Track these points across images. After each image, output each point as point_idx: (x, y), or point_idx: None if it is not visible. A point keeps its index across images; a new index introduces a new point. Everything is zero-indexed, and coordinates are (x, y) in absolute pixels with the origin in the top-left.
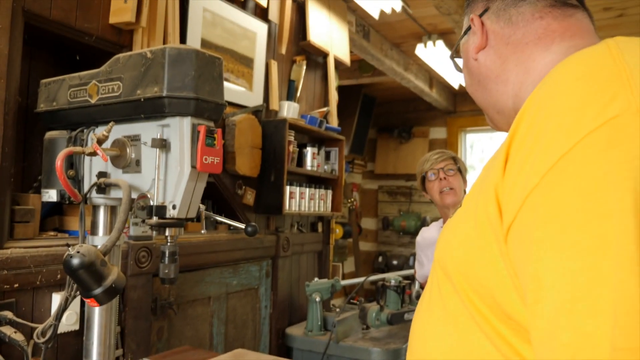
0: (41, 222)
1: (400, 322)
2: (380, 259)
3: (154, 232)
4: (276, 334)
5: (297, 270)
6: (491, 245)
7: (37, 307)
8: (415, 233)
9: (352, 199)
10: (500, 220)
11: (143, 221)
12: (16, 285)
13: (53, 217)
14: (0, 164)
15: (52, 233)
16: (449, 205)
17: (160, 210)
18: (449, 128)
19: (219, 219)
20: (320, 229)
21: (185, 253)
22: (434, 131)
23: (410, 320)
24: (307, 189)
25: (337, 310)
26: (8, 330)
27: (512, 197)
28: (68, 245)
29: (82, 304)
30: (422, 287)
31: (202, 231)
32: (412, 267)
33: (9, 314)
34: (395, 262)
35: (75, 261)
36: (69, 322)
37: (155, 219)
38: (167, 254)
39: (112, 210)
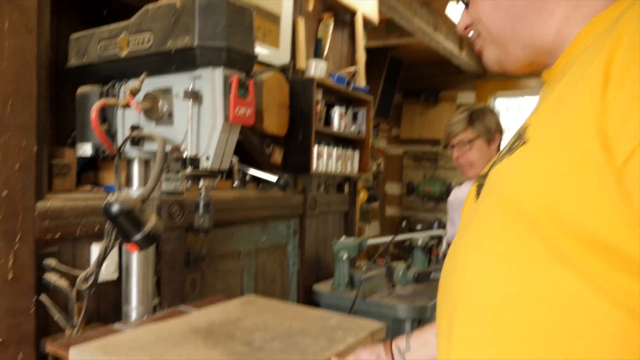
0: (77, 177)
1: (426, 281)
2: (404, 223)
3: (188, 183)
4: (303, 290)
5: (323, 230)
6: (590, 178)
7: (77, 256)
8: (439, 199)
9: (379, 161)
10: (603, 151)
11: (177, 172)
12: (58, 235)
13: (88, 172)
14: (36, 118)
15: (88, 187)
16: (471, 177)
17: (194, 161)
18: (478, 92)
19: (251, 171)
20: (346, 190)
21: (216, 209)
22: (462, 95)
23: (436, 279)
24: (335, 149)
25: (364, 268)
26: (53, 277)
27: (629, 125)
28: (108, 192)
29: (121, 254)
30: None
31: (235, 183)
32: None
33: (53, 262)
34: (419, 227)
35: (115, 208)
36: (108, 271)
37: (189, 169)
38: (201, 205)
39: (146, 164)
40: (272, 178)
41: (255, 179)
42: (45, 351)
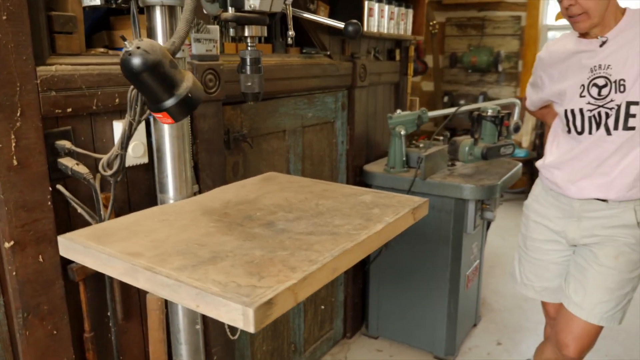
0: (87, 39)
1: (495, 157)
2: (445, 99)
3: (232, 31)
4: (353, 171)
5: (373, 104)
6: None
7: (97, 137)
8: (486, 70)
9: (434, 22)
10: None
11: (215, 19)
12: (69, 110)
13: (100, 33)
14: None
15: (101, 50)
16: (582, 30)
17: (238, 0)
18: None
19: (310, 16)
20: (397, 56)
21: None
22: None
23: (506, 155)
24: (387, 6)
25: (421, 146)
26: (69, 162)
27: None
28: (124, 39)
29: (149, 133)
30: (529, 115)
31: (289, 32)
32: None
33: (67, 144)
34: (462, 102)
35: (137, 61)
36: (136, 154)
37: (231, 11)
38: (248, 61)
39: (171, 12)
40: (339, 24)
41: (299, 43)
42: None
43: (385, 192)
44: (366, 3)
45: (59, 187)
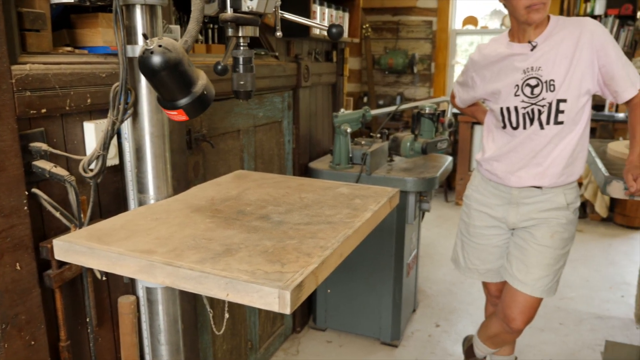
0: None
1: (433, 151)
2: (365, 99)
3: (230, 31)
4: (299, 170)
5: (314, 103)
6: None
7: (69, 139)
8: (402, 71)
9: (367, 25)
10: None
11: (212, 19)
12: (44, 111)
13: (60, 31)
14: None
15: (68, 48)
16: (537, 20)
17: (236, 1)
18: None
19: (296, 18)
20: (334, 58)
21: (213, 79)
22: None
23: (442, 149)
24: (327, 9)
25: (363, 143)
26: (46, 165)
27: None
28: (146, 37)
29: (118, 134)
30: (460, 113)
31: (277, 34)
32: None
33: (43, 146)
34: (381, 102)
35: (158, 59)
36: (108, 155)
37: (230, 11)
38: (241, 61)
39: (152, 11)
40: (323, 26)
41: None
42: (49, 257)
43: (359, 185)
44: (312, 6)
45: (35, 190)
